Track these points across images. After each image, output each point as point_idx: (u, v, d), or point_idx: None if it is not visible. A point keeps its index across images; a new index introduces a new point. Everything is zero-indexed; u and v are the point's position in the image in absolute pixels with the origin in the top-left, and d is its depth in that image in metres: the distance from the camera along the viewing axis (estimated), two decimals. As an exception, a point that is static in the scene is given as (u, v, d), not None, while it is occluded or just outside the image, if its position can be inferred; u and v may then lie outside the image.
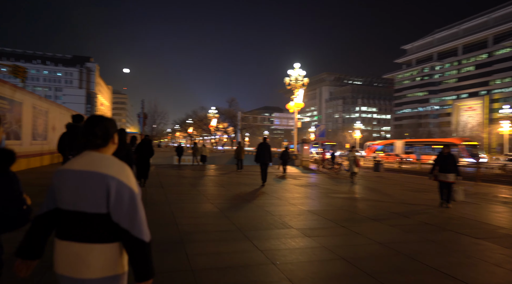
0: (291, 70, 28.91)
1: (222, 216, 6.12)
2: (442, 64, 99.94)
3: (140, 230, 1.43)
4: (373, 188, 12.14)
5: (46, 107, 15.78)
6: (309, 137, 58.76)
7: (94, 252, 1.40)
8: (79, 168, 1.46)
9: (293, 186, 11.61)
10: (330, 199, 8.89)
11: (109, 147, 1.58)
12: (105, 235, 1.43)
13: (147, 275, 1.44)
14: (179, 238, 4.53)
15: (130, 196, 1.44)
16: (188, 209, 6.72)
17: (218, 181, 12.24)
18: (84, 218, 1.42)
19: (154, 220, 5.36)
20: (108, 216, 1.43)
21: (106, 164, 1.47)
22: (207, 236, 4.81)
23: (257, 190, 10.00)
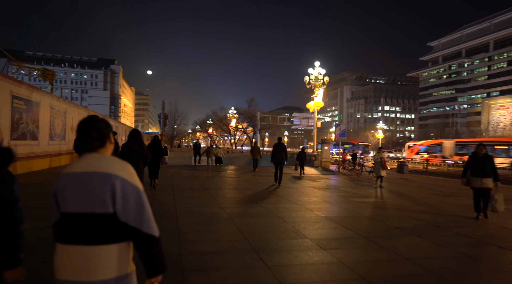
0: (311, 69, 28.20)
1: (230, 222, 5.62)
2: (471, 60, 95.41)
3: (150, 226, 1.46)
4: (397, 191, 11.30)
5: (64, 108, 15.91)
6: (330, 138, 57.56)
7: (104, 253, 1.40)
8: (81, 170, 1.45)
9: (311, 188, 10.97)
10: (350, 204, 8.21)
11: (107, 147, 1.58)
12: (114, 235, 1.43)
13: (159, 270, 1.47)
14: (177, 249, 4.06)
15: (136, 194, 1.45)
16: (194, 214, 6.27)
17: (232, 183, 11.78)
18: (91, 219, 1.41)
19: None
20: (115, 216, 1.43)
21: (108, 164, 1.47)
22: (209, 246, 4.32)
23: (272, 193, 9.45)
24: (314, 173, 18.20)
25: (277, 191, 9.95)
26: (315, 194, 9.60)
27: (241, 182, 12.34)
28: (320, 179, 14.83)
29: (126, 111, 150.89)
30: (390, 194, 10.64)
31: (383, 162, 12.34)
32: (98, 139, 1.52)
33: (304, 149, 17.70)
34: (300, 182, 12.90)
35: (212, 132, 78.59)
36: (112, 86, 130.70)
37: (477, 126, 79.66)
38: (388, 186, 12.97)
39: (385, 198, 9.58)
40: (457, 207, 8.44)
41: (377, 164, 12.58)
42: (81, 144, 1.52)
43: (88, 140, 1.51)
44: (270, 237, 4.85)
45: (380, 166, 12.34)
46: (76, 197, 1.43)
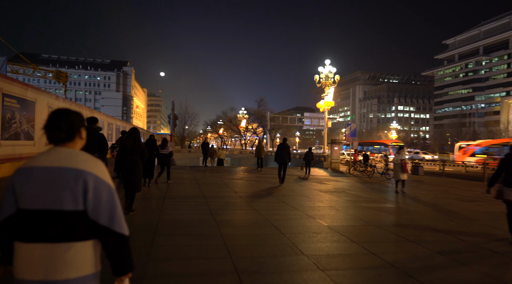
0: (322, 67, 27.35)
1: (216, 233, 4.89)
2: (489, 58, 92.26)
3: (121, 225, 1.44)
4: (412, 195, 10.37)
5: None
6: (342, 138, 56.25)
7: (71, 251, 1.36)
8: (48, 165, 1.39)
9: (317, 191, 10.16)
10: (358, 210, 7.37)
11: (76, 142, 1.51)
12: (82, 232, 1.39)
13: (129, 269, 1.46)
14: (141, 269, 3.36)
15: (108, 192, 1.42)
16: (178, 223, 5.57)
17: (232, 185, 11.07)
18: (59, 217, 1.37)
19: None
20: (85, 213, 1.40)
21: (80, 160, 1.43)
22: (182, 266, 3.60)
23: (272, 196, 8.70)
24: (323, 174, 17.32)
25: (278, 194, 9.19)
26: (320, 198, 8.79)
27: (242, 183, 11.62)
28: (328, 181, 13.97)
29: (138, 112, 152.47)
30: (404, 198, 9.72)
31: (404, 164, 10.78)
32: (65, 131, 1.45)
33: (311, 149, 17.24)
34: (306, 184, 12.09)
35: (223, 133, 78.24)
36: (124, 88, 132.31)
37: (496, 126, 76.80)
38: (402, 189, 12.04)
39: (398, 203, 8.68)
40: (481, 214, 7.49)
41: (396, 166, 10.94)
42: (47, 135, 1.46)
43: (54, 131, 1.44)
44: (260, 253, 4.10)
45: (400, 168, 10.78)
46: (41, 193, 1.36)
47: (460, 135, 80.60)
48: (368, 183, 14.17)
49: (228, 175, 14.58)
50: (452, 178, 18.93)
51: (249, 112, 62.31)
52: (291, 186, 11.44)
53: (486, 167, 21.65)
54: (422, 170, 21.02)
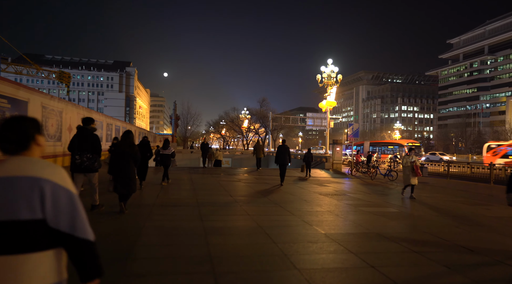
0: (324, 67, 26.94)
1: (203, 243, 4.50)
2: (495, 57, 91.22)
3: (84, 230, 1.40)
4: (417, 198, 9.93)
5: (60, 107, 15.22)
6: (344, 138, 55.64)
7: (30, 263, 1.31)
8: (1, 175, 1.35)
9: (316, 194, 9.74)
10: (359, 215, 6.95)
11: (33, 150, 1.46)
12: (42, 241, 1.34)
13: (97, 274, 1.41)
14: (110, 288, 2.98)
15: (68, 198, 1.38)
16: (163, 230, 5.18)
17: (228, 187, 10.68)
18: (15, 227, 1.31)
19: (108, 246, 3.91)
20: (44, 222, 1.35)
21: (36, 167, 1.38)
22: (159, 283, 3.22)
23: (269, 199, 8.29)
24: (324, 175, 16.90)
25: (275, 197, 8.79)
26: (319, 202, 8.37)
27: (239, 186, 11.23)
28: (329, 182, 13.54)
29: (141, 113, 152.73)
30: (407, 201, 9.29)
31: (415, 166, 9.64)
32: (15, 142, 1.40)
33: (311, 150, 17.07)
34: (306, 186, 11.67)
35: (225, 134, 77.95)
36: (127, 88, 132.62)
37: (501, 126, 75.85)
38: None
39: (401, 207, 8.25)
40: (490, 220, 7.03)
41: (406, 170, 9.80)
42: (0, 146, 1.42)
43: (3, 143, 1.40)
44: (246, 267, 3.70)
45: (410, 171, 9.68)
46: None
47: (464, 136, 79.70)
48: (370, 185, 13.73)
49: (225, 177, 14.20)
50: (457, 179, 18.42)
51: (251, 112, 61.92)
52: (290, 188, 11.03)
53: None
54: (427, 171, 20.51)
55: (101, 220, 5.52)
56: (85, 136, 5.81)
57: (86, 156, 5.74)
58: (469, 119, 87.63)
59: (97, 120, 22.75)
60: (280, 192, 10.02)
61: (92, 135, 5.86)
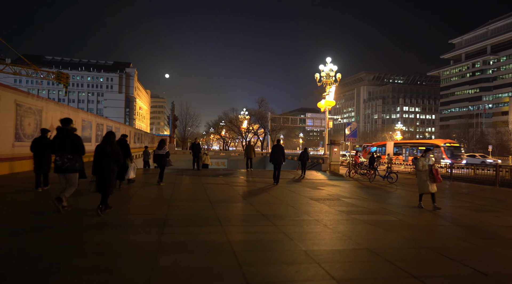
0: (322, 66, 26.07)
1: (148, 265, 3.60)
2: (497, 57, 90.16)
3: None
4: (416, 202, 9.02)
5: (39, 106, 14.40)
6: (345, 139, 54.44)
7: None
8: None
9: (307, 199, 8.83)
10: (351, 225, 6.04)
11: None
12: None
13: None
14: None
15: None
16: (108, 246, 4.30)
17: (211, 190, 9.78)
18: None
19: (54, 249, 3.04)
20: None
21: None
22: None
23: (251, 206, 7.39)
24: (320, 177, 15.97)
25: (259, 202, 7.90)
26: (308, 209, 7.47)
27: (224, 188, 10.31)
28: (323, 185, 12.61)
29: (141, 114, 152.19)
30: (408, 208, 8.37)
31: (434, 171, 7.93)
32: None
33: (306, 149, 16.77)
34: (297, 189, 10.76)
35: (225, 135, 77.12)
36: (127, 89, 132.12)
37: (504, 127, 74.75)
38: (406, 195, 10.65)
39: (400, 214, 7.33)
40: (501, 230, 6.11)
41: (422, 175, 8.09)
42: None
43: None
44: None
45: (428, 177, 7.97)
46: None
47: (467, 137, 78.60)
48: (368, 187, 12.81)
49: (212, 179, 13.30)
50: (460, 181, 17.47)
51: (249, 113, 61.03)
52: (279, 192, 10.13)
53: (499, 169, 20.07)
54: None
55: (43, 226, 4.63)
56: (65, 137, 5.84)
57: (67, 156, 5.74)
58: (472, 120, 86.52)
59: (86, 120, 21.98)
60: (266, 196, 9.13)
61: (72, 136, 5.88)
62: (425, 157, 8.22)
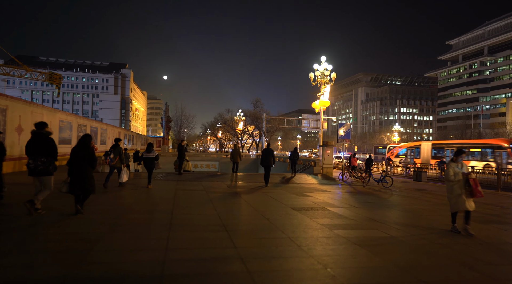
0: (317, 65, 25.07)
1: None
2: (495, 58, 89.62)
3: None
4: (413, 211, 7.95)
5: (3, 104, 13.26)
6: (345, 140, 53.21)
7: None
8: None
9: (288, 209, 7.73)
10: (330, 246, 4.94)
11: None
12: None
13: None
14: None
15: None
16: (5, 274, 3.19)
17: (182, 197, 8.68)
18: None
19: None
20: None
21: None
22: None
23: (218, 219, 6.26)
24: (310, 181, 14.88)
25: (228, 213, 6.80)
26: (285, 222, 6.36)
27: (198, 195, 9.16)
28: (312, 191, 11.51)
29: (137, 115, 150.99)
30: (403, 219, 7.30)
31: (472, 181, 5.83)
32: None
33: (296, 149, 16.90)
34: (280, 196, 9.64)
35: (221, 137, 76.02)
36: (122, 90, 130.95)
37: (502, 128, 74.11)
38: (401, 203, 9.58)
39: (393, 228, 6.23)
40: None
41: (454, 186, 6.06)
42: None
43: None
44: None
45: (461, 189, 5.93)
46: None
47: (464, 137, 77.86)
48: (360, 193, 11.73)
49: (190, 184, 12.17)
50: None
51: (245, 114, 59.94)
52: (259, 200, 9.03)
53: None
54: (426, 175, 18.61)
55: None
56: (39, 140, 5.92)
57: (40, 159, 5.80)
58: (469, 121, 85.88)
59: (64, 121, 20.76)
60: (242, 204, 8.02)
61: (46, 139, 5.96)
62: (457, 161, 6.14)
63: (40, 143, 5.86)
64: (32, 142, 5.93)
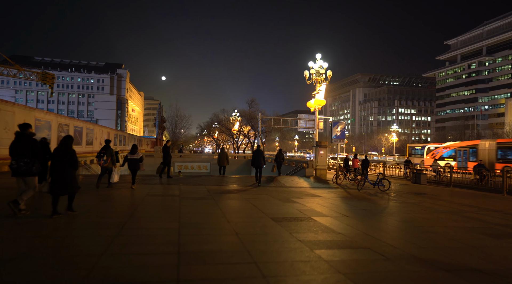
0: (312, 62, 24.00)
1: None
2: (493, 58, 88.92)
3: None
4: (411, 221, 6.85)
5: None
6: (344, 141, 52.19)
7: None
8: None
9: (266, 220, 6.60)
10: (307, 276, 3.81)
11: None
12: None
13: None
14: None
15: None
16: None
17: (151, 204, 7.56)
18: None
19: None
20: None
21: None
22: None
23: (185, 237, 5.13)
24: (301, 185, 13.76)
25: (191, 227, 5.64)
26: (258, 239, 5.22)
27: (170, 202, 8.03)
28: (301, 195, 10.38)
29: (134, 116, 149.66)
30: (401, 232, 6.20)
31: None
32: None
33: (281, 150, 16.82)
34: (263, 202, 8.50)
35: (218, 137, 74.87)
36: (118, 91, 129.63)
37: (501, 128, 73.33)
38: (399, 210, 8.48)
39: (385, 244, 5.11)
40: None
41: None
42: None
43: None
44: None
45: None
46: None
47: (463, 138, 77.06)
48: (354, 198, 10.62)
49: (166, 188, 11.04)
50: (461, 188, 15.37)
51: (240, 114, 58.78)
52: (235, 208, 7.92)
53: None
54: (425, 178, 17.49)
55: None
56: (23, 141, 5.99)
57: (23, 160, 5.85)
58: (468, 121, 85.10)
59: (41, 120, 19.50)
60: (212, 216, 6.88)
61: (29, 140, 6.02)
62: None
63: (23, 144, 5.94)
64: (15, 143, 6.02)
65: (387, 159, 66.87)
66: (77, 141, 24.07)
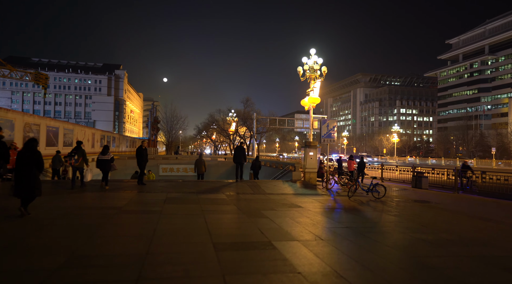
0: (306, 58, 22.19)
1: None
2: (496, 57, 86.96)
3: None
4: (407, 247, 5.01)
5: None
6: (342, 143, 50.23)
7: None
8: None
9: (208, 246, 4.77)
10: None
11: None
12: None
13: None
14: None
15: None
16: None
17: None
18: None
19: None
20: None
21: None
22: None
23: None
24: (284, 191, 11.90)
25: (87, 256, 3.86)
26: (204, 272, 3.43)
27: (93, 216, 6.25)
28: (277, 206, 8.53)
29: (133, 117, 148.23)
30: (385, 268, 4.36)
31: None
32: None
33: (258, 157, 16.27)
34: (221, 215, 6.68)
35: (215, 138, 73.18)
36: (116, 92, 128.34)
37: (504, 128, 71.34)
38: (392, 228, 6.64)
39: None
40: None
41: None
42: None
43: None
44: None
45: None
46: None
47: (466, 139, 75.09)
48: (341, 210, 8.77)
49: (113, 197, 9.23)
50: (469, 194, 13.47)
51: (236, 114, 57.01)
52: (177, 225, 6.10)
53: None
54: (427, 181, 15.43)
55: None
56: None
57: None
58: (470, 121, 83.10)
59: (2, 118, 17.93)
60: (132, 241, 5.07)
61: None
62: None
63: None
64: None
65: (387, 160, 64.81)
66: (51, 142, 22.37)
